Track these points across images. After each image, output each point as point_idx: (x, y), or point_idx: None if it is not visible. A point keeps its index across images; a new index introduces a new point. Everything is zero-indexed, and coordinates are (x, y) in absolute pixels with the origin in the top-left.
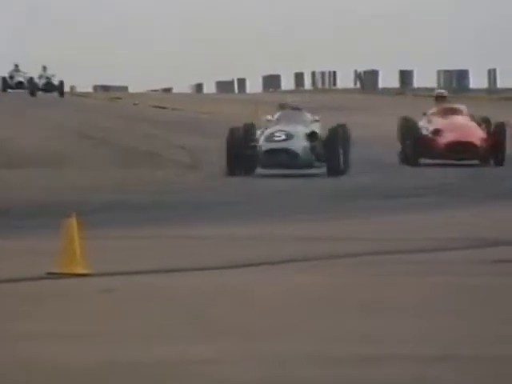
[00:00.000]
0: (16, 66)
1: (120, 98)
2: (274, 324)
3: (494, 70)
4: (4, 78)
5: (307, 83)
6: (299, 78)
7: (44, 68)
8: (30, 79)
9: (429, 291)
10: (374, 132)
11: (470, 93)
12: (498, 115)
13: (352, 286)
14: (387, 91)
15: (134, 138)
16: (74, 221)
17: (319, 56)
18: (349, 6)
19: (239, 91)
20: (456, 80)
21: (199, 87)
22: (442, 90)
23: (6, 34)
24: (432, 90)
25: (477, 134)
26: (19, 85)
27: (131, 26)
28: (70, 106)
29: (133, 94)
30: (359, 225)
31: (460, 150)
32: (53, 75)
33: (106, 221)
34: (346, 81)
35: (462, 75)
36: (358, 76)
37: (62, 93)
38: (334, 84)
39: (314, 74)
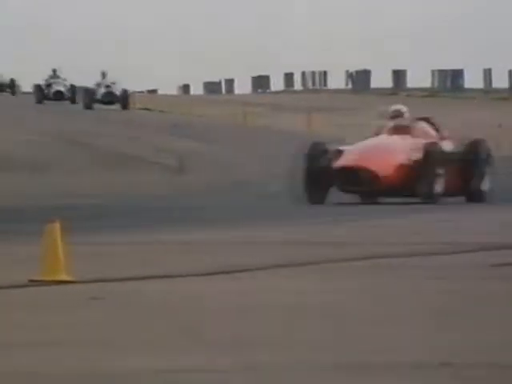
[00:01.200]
0: (54, 71)
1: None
2: (265, 332)
3: (490, 70)
4: (39, 87)
5: (297, 84)
6: (289, 78)
7: (103, 74)
8: (72, 87)
9: (429, 297)
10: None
11: (465, 93)
12: (493, 115)
13: (348, 291)
14: (379, 91)
15: (119, 141)
16: (57, 226)
17: (309, 56)
18: (341, 5)
19: (227, 92)
20: (451, 80)
21: (186, 88)
22: (400, 107)
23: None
24: (426, 89)
25: (389, 160)
26: (58, 95)
27: (117, 25)
28: (51, 109)
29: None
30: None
31: (350, 180)
32: (113, 83)
33: (90, 226)
34: (337, 81)
35: (457, 75)
36: (350, 76)
37: (125, 105)
38: (325, 84)
39: (304, 74)
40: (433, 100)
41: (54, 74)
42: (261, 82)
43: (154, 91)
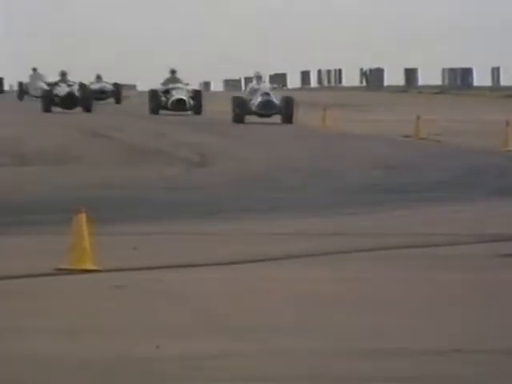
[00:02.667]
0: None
1: (128, 97)
2: (282, 319)
3: (498, 69)
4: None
5: (313, 81)
6: (305, 76)
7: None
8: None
9: (439, 286)
10: (376, 128)
11: (473, 90)
12: (501, 112)
13: (362, 281)
14: (392, 89)
15: (143, 135)
16: (83, 217)
17: (325, 54)
18: (354, 5)
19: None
20: (460, 78)
21: (207, 85)
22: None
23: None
24: (437, 87)
25: None
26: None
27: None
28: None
29: (141, 93)
30: (364, 221)
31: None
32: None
33: (115, 217)
34: (351, 79)
35: (466, 73)
36: (364, 74)
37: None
38: (340, 82)
39: (319, 72)
40: (443, 97)
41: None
42: (278, 80)
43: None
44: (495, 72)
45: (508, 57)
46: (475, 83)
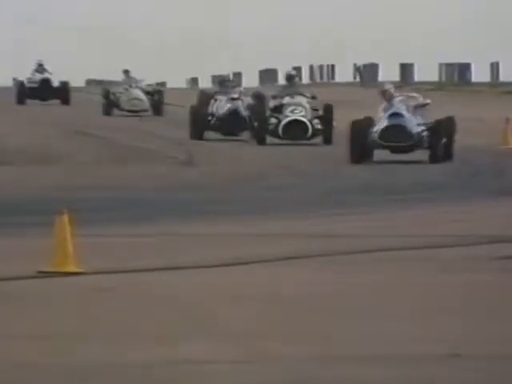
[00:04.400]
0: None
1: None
2: (274, 324)
3: (497, 64)
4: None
5: (305, 77)
6: (297, 71)
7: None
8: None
9: (438, 289)
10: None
11: (472, 86)
12: (501, 108)
13: (360, 284)
14: None
15: (129, 134)
16: (66, 218)
17: (317, 49)
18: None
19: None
20: (458, 73)
21: (194, 81)
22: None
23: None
24: (434, 83)
25: None
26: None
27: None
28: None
29: None
30: (359, 221)
31: None
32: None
33: (99, 218)
34: (344, 74)
35: (465, 69)
36: (358, 69)
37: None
38: (333, 78)
39: (311, 67)
40: (440, 93)
41: (41, 67)
42: (269, 76)
43: (162, 84)
44: (494, 67)
45: (508, 51)
46: (473, 79)
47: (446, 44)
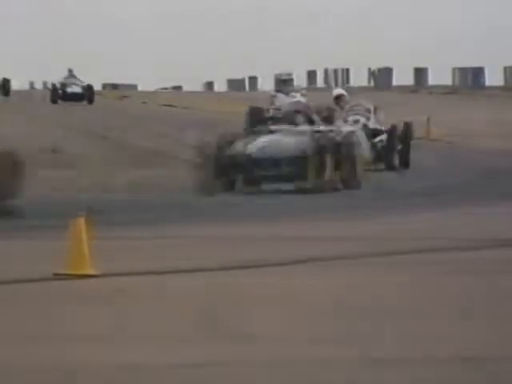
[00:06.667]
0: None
1: (127, 97)
2: (282, 327)
3: (510, 68)
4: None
5: (320, 81)
6: (312, 75)
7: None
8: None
9: (449, 292)
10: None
11: (485, 90)
12: None
13: (370, 286)
14: (401, 89)
15: (144, 137)
16: (82, 221)
17: (332, 54)
18: (365, 3)
19: (250, 89)
20: (472, 77)
21: (210, 85)
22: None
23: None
24: (447, 87)
25: None
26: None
27: (141, 23)
28: (78, 105)
29: (142, 93)
30: (372, 224)
31: None
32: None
33: (115, 221)
34: (359, 78)
35: (478, 73)
36: (372, 74)
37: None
38: (348, 82)
39: (326, 71)
40: (454, 97)
41: (70, 74)
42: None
43: (178, 88)
44: (507, 71)
45: None
46: (487, 83)
47: (460, 48)
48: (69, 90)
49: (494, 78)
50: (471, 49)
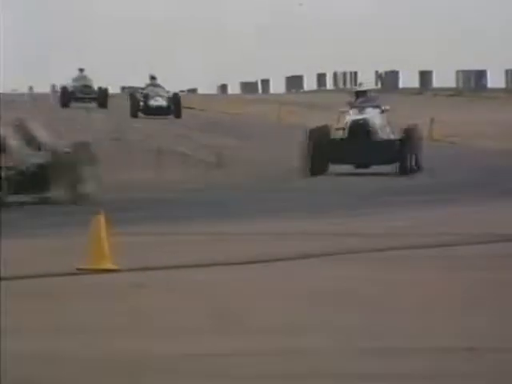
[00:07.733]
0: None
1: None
2: (302, 319)
3: None
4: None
5: (329, 83)
6: (321, 78)
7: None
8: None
9: (454, 286)
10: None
11: (488, 92)
12: None
13: (378, 280)
14: (407, 91)
15: (164, 138)
16: (102, 218)
17: (341, 57)
18: (371, 8)
19: (263, 92)
20: (474, 80)
21: (224, 88)
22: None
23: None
24: (451, 89)
25: None
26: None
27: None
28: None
29: None
30: (375, 221)
31: None
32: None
33: (134, 218)
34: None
35: (481, 75)
36: (379, 76)
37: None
38: (356, 84)
39: (335, 74)
40: (458, 99)
41: (153, 82)
42: (294, 82)
43: (194, 90)
44: (509, 74)
45: None
46: (489, 85)
47: (463, 52)
48: (152, 102)
49: (495, 81)
50: (474, 52)
